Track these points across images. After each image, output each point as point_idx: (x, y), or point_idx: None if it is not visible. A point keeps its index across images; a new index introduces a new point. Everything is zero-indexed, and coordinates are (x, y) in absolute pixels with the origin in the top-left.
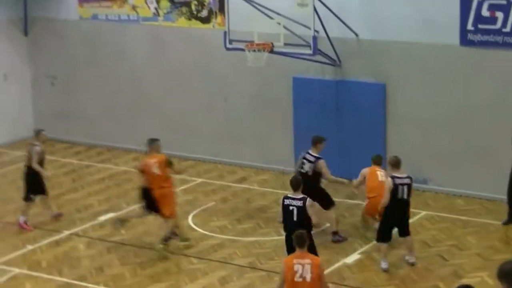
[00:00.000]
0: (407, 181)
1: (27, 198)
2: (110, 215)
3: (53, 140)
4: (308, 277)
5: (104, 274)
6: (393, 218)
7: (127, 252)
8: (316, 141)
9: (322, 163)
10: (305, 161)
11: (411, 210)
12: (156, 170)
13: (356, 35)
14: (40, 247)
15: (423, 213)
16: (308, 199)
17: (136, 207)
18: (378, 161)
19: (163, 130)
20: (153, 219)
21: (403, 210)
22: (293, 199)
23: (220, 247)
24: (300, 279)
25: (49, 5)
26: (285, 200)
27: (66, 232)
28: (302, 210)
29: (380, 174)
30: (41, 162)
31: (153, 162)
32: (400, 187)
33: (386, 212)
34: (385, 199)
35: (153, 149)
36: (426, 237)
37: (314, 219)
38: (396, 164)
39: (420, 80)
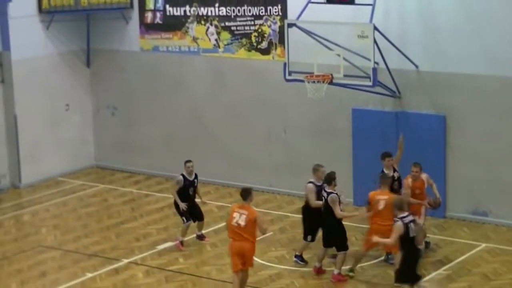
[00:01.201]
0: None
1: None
2: (168, 244)
3: (113, 169)
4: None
5: None
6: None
7: (185, 282)
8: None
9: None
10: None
11: (471, 242)
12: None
13: (416, 66)
14: (100, 275)
15: (483, 245)
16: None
17: None
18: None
19: (222, 161)
20: (211, 248)
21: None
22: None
23: (278, 277)
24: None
25: (111, 37)
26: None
27: (125, 261)
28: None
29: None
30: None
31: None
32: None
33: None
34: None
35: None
36: (486, 270)
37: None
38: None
39: (481, 112)
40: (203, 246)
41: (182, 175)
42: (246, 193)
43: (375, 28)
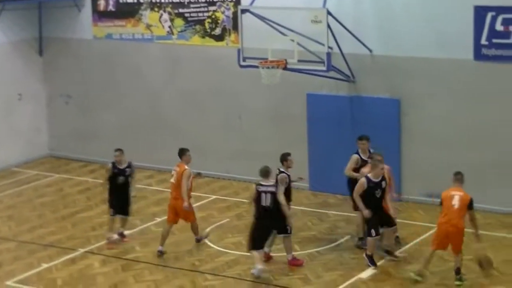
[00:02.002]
0: (271, 189)
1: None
2: (125, 232)
3: (68, 158)
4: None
5: None
6: (261, 225)
7: (142, 270)
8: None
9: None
10: None
11: (427, 224)
12: None
13: (370, 51)
14: (56, 265)
15: None
16: None
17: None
18: None
19: (178, 147)
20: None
21: (270, 217)
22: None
23: (235, 264)
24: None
25: (64, 25)
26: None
27: (81, 250)
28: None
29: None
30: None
31: None
32: (263, 194)
33: (254, 220)
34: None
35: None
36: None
37: None
38: (263, 173)
39: (435, 95)
40: (160, 234)
41: (112, 162)
42: (180, 152)
43: (329, 13)
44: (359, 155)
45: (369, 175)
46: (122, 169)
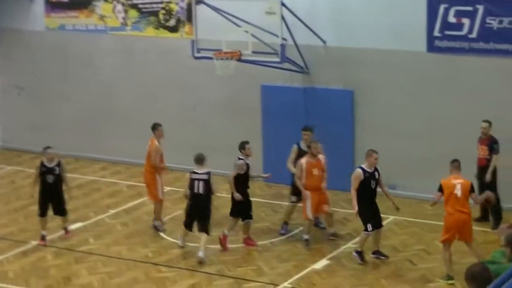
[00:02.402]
0: (204, 177)
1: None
2: (78, 224)
3: (20, 150)
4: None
5: (72, 284)
6: (192, 211)
7: (95, 262)
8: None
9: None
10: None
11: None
12: None
13: (324, 42)
14: (7, 258)
15: (392, 218)
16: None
17: None
18: None
19: (133, 140)
20: (121, 228)
21: (201, 204)
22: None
23: (188, 255)
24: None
25: (16, 16)
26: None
27: (34, 243)
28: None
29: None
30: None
31: None
32: (196, 182)
33: (187, 204)
34: None
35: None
36: (395, 242)
37: None
38: (197, 160)
39: (388, 86)
40: (114, 225)
41: (41, 161)
42: (153, 127)
43: (283, 4)
44: (299, 145)
45: (363, 165)
46: (50, 168)
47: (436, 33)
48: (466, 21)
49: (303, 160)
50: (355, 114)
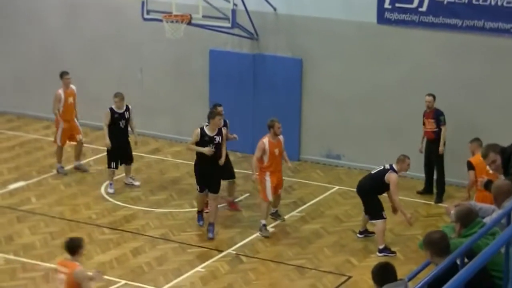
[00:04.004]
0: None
1: None
2: (20, 183)
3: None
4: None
5: (15, 243)
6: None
7: (38, 222)
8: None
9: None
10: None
11: (325, 185)
12: None
13: (274, 9)
14: None
15: (336, 188)
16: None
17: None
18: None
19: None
20: (65, 188)
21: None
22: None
23: (133, 218)
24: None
25: None
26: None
27: None
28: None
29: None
30: None
31: None
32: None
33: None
34: None
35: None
36: (338, 212)
37: None
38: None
39: (337, 56)
40: (57, 185)
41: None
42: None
43: None
44: (203, 129)
45: (395, 167)
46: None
47: (387, 5)
48: None
49: (265, 140)
50: (303, 83)
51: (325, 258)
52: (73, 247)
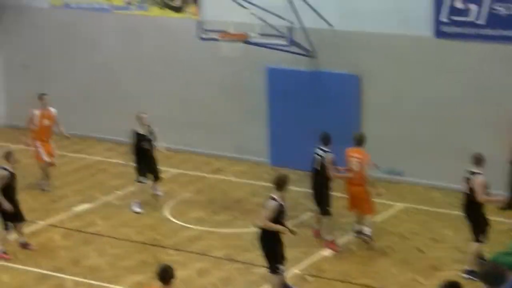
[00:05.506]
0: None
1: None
2: (85, 206)
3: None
4: None
5: (81, 265)
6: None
7: (104, 244)
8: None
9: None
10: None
11: (388, 202)
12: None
13: (331, 26)
14: (16, 238)
15: (400, 205)
16: None
17: None
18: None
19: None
20: (129, 210)
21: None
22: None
23: (197, 239)
24: None
25: None
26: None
27: (42, 223)
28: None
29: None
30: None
31: None
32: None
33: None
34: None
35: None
36: (402, 230)
37: None
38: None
39: (394, 71)
40: (122, 207)
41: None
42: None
43: None
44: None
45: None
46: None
47: (443, 18)
48: (473, 7)
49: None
50: (361, 98)
51: (391, 277)
52: (167, 277)
